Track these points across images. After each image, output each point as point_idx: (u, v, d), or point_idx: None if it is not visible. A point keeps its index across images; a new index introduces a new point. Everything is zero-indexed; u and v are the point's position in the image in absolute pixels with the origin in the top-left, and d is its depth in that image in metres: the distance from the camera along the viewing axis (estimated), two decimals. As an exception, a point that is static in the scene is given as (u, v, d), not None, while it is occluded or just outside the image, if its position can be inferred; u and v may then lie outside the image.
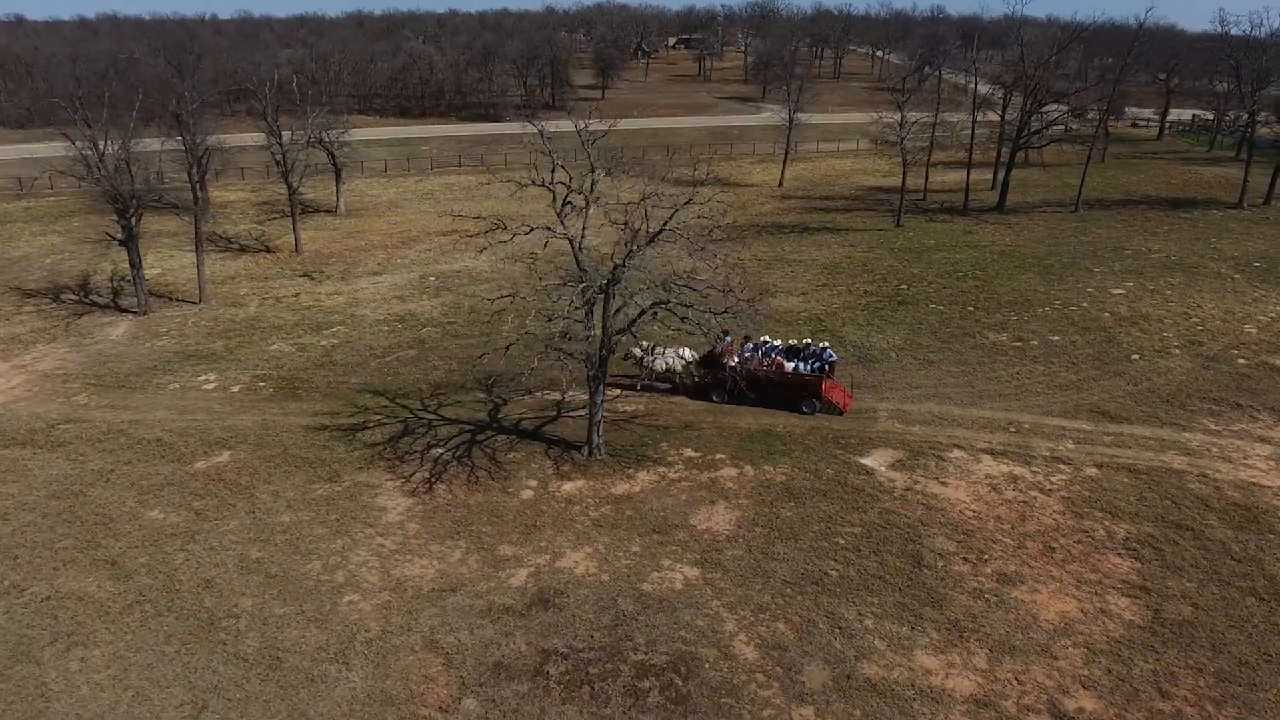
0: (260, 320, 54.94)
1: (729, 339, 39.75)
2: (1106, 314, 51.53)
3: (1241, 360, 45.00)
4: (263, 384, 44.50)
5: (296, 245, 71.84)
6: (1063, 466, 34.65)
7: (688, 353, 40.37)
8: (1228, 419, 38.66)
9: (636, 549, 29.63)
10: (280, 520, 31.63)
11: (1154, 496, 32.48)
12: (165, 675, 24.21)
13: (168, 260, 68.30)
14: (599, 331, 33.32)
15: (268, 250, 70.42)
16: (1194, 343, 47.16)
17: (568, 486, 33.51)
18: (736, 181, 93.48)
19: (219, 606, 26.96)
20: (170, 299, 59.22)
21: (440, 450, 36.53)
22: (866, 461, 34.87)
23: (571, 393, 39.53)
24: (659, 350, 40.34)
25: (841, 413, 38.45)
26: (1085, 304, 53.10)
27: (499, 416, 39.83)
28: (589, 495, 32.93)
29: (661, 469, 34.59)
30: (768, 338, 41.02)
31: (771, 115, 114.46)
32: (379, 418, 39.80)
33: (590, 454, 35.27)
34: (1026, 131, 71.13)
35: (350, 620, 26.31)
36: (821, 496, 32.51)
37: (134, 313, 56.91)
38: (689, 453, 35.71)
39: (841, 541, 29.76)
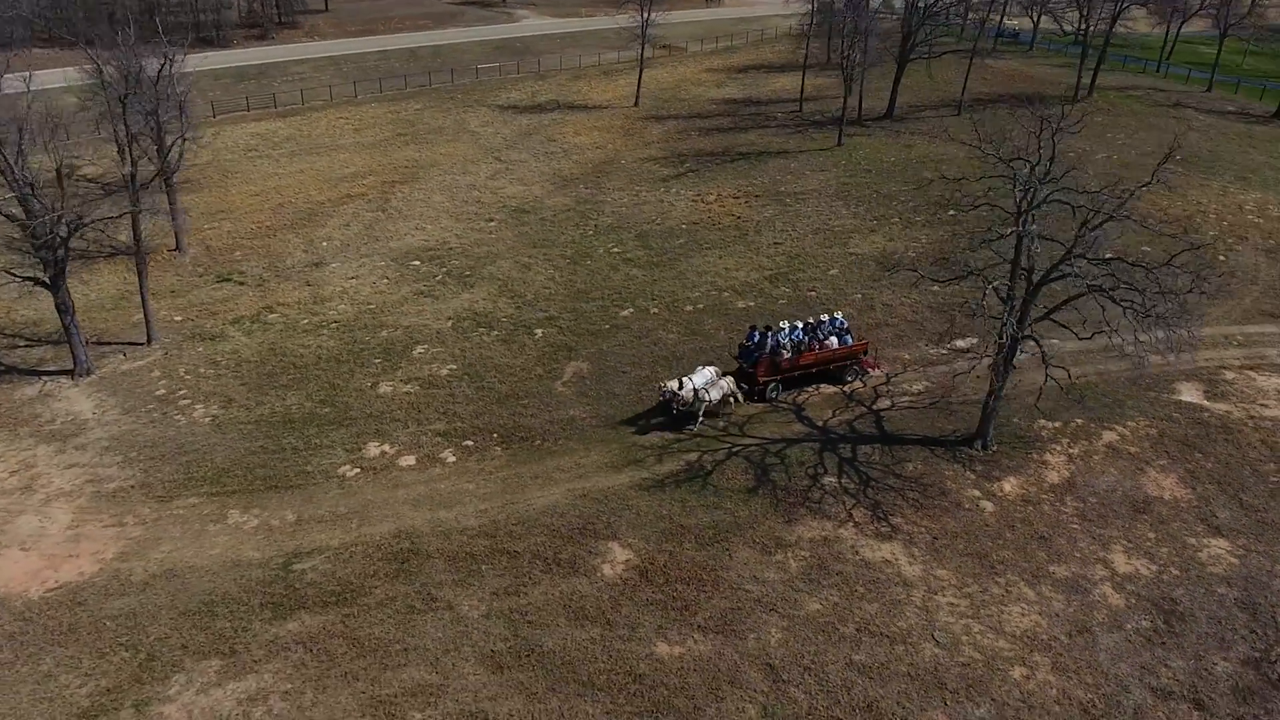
0: (287, 351, 44.16)
1: (769, 333, 39.00)
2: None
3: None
4: (469, 442, 36.35)
5: (178, 242, 55.97)
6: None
7: (710, 371, 36.77)
8: None
9: (1174, 531, 31.01)
10: (813, 608, 27.70)
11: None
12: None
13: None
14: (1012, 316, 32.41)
15: (130, 253, 53.12)
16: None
17: (1008, 487, 33.40)
18: (582, 103, 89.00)
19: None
20: (98, 344, 44.09)
21: (827, 477, 33.68)
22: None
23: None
24: (691, 381, 35.74)
25: (870, 373, 40.32)
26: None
27: (821, 424, 37.24)
28: (1038, 491, 33.19)
29: (1055, 448, 35.56)
30: (785, 323, 39.82)
31: (551, 22, 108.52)
32: (683, 453, 35.14)
33: (985, 447, 34.94)
34: (913, 43, 77.17)
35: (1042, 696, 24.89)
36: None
37: (70, 374, 41.93)
38: (1048, 424, 36.78)
39: None
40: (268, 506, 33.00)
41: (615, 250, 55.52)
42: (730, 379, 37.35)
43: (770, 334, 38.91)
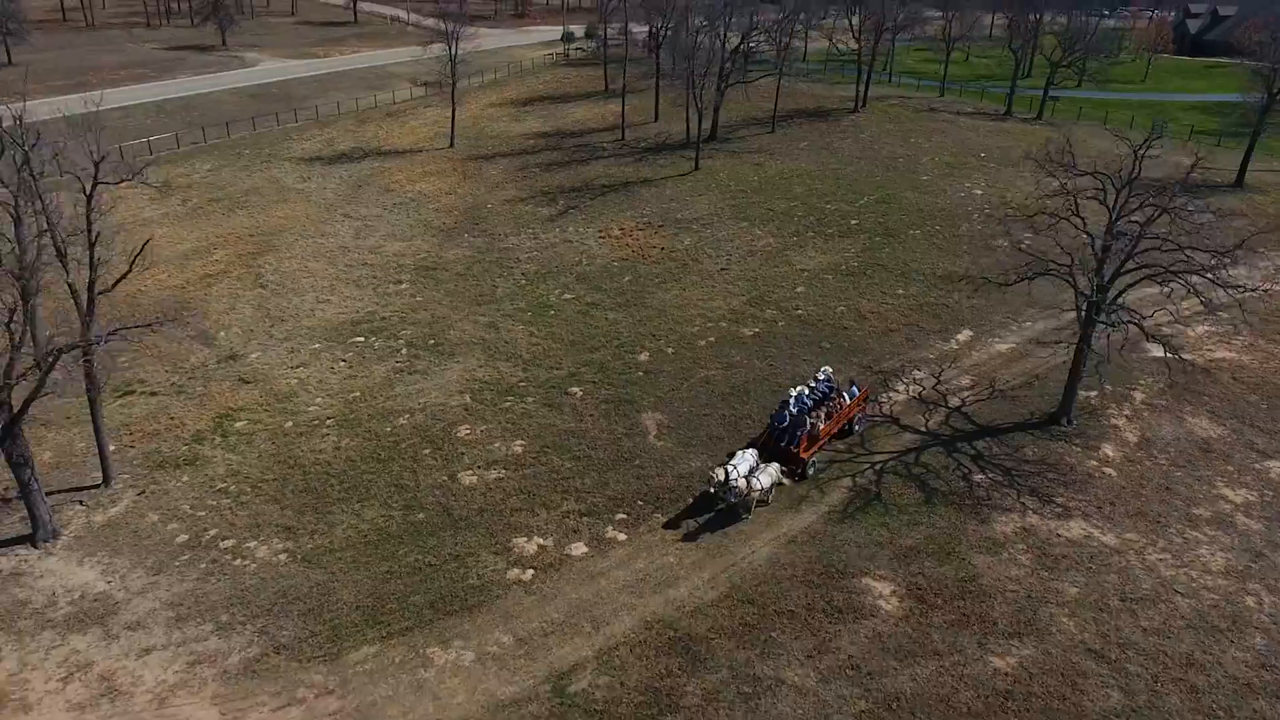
0: (301, 461, 39.57)
1: (788, 406, 37.16)
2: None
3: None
4: (621, 515, 34.91)
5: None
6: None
7: (752, 455, 34.40)
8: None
9: (1241, 462, 37.67)
10: (1073, 592, 30.70)
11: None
12: None
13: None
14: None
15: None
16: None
17: (1110, 452, 38.79)
18: (389, 149, 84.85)
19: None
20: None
21: (975, 475, 36.87)
22: None
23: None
24: (737, 469, 33.23)
25: (870, 417, 40.37)
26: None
27: (925, 429, 40.23)
28: (1131, 451, 38.84)
29: (1111, 413, 41.58)
30: (792, 391, 38.00)
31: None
32: (833, 481, 36.84)
33: (1070, 422, 40.05)
34: (731, 68, 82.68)
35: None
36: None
37: (28, 540, 34.38)
38: (1087, 394, 42.59)
39: None
40: (463, 634, 29.31)
41: (569, 297, 54.43)
42: (775, 464, 34.65)
43: (792, 406, 36.87)
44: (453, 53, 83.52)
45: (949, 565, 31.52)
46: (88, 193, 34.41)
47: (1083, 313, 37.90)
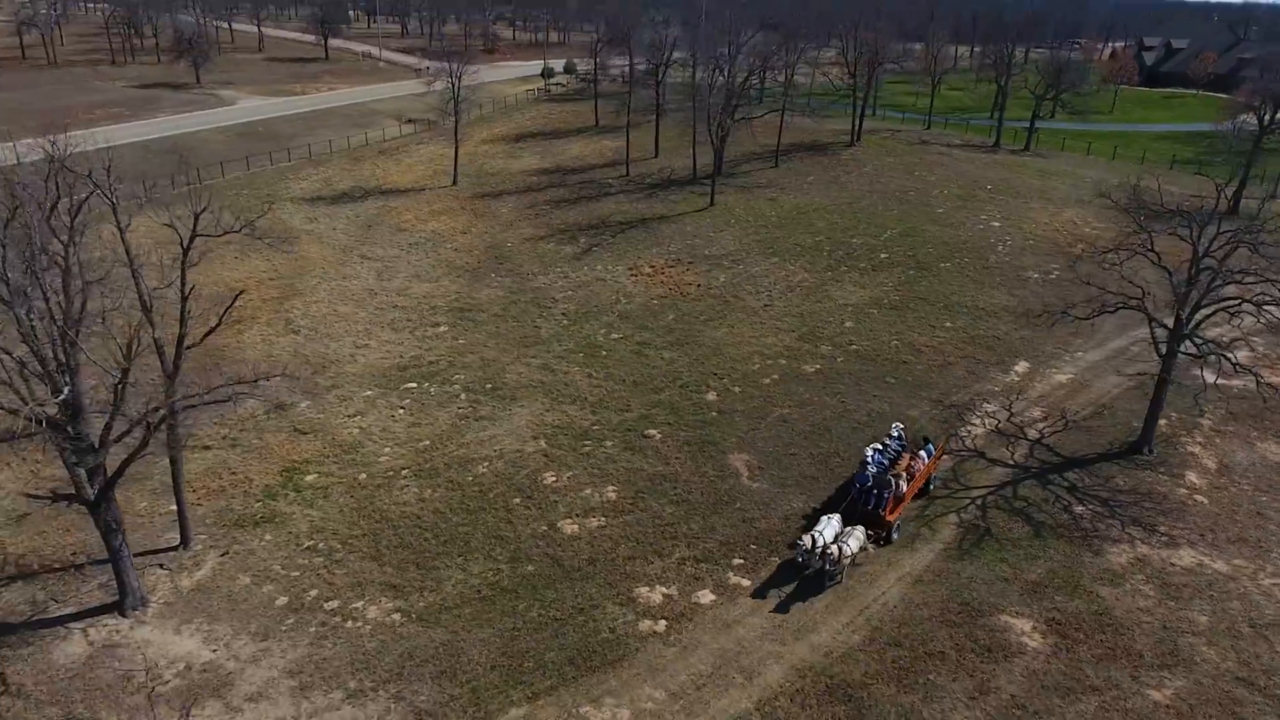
0: (388, 515, 38.77)
1: (867, 467, 36.09)
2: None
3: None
4: (738, 560, 34.85)
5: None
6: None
7: (837, 520, 33.45)
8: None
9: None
10: (1203, 620, 31.54)
11: None
12: None
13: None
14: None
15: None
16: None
17: (1195, 479, 39.78)
18: (391, 188, 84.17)
19: None
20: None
21: (1076, 507, 37.60)
22: None
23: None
24: (823, 535, 32.39)
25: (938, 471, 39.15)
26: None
27: (1012, 462, 40.92)
28: (1215, 477, 40.01)
29: (1184, 440, 42.78)
30: (869, 451, 36.80)
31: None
32: (936, 519, 37.23)
33: (1151, 451, 41.15)
34: (734, 105, 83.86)
35: None
36: None
37: (114, 608, 33.16)
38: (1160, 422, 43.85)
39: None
40: (611, 690, 28.82)
41: (617, 336, 54.37)
42: (860, 528, 33.59)
43: (872, 465, 35.82)
44: (456, 91, 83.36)
45: (1079, 599, 31.99)
46: (185, 245, 33.50)
47: (1163, 345, 39.06)
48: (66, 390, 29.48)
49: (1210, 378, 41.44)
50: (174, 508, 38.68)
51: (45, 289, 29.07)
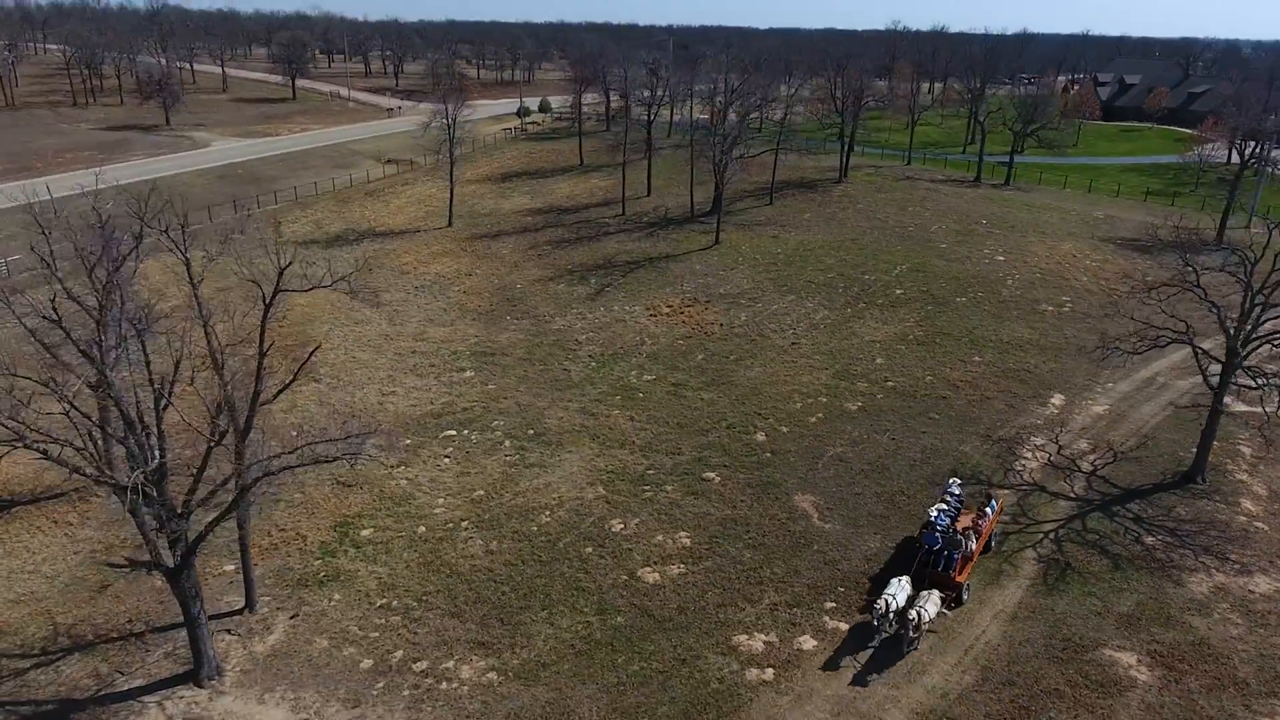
0: (457, 568, 38.19)
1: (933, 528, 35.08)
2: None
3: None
4: (830, 603, 34.94)
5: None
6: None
7: (906, 581, 32.91)
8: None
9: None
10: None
11: None
12: None
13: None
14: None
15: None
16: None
17: (1250, 506, 40.95)
18: (383, 230, 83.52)
19: None
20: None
21: (1146, 538, 38.43)
22: None
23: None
24: (895, 598, 31.81)
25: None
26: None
27: (1074, 495, 41.67)
28: (1269, 503, 41.22)
29: (1230, 467, 44.05)
30: (933, 511, 35.92)
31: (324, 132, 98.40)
32: (1017, 554, 37.81)
33: (1204, 480, 42.24)
34: (733, 144, 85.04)
35: None
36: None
37: (189, 677, 32.15)
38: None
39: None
40: (732, 743, 28.50)
41: (650, 378, 54.39)
42: (935, 591, 32.73)
43: (939, 526, 34.85)
44: (452, 132, 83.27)
45: (1174, 630, 32.61)
46: (268, 300, 32.82)
47: (1213, 378, 40.35)
48: (158, 456, 28.54)
49: (1270, 408, 42.41)
50: (228, 569, 37.79)
51: (145, 351, 28.20)
